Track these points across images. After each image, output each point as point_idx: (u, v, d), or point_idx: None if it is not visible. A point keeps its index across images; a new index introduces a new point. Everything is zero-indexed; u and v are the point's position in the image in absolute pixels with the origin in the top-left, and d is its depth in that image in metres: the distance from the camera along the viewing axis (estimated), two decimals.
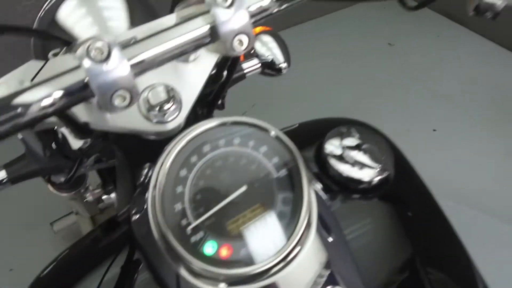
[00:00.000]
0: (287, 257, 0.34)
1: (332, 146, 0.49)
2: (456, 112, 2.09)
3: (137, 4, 0.54)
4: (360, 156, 0.47)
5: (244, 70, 0.69)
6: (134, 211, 0.40)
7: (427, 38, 2.57)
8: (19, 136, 0.60)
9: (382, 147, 0.49)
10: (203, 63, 0.46)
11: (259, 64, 0.70)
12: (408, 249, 0.51)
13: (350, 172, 0.46)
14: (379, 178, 0.47)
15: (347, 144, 0.48)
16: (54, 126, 0.48)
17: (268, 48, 0.71)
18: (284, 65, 0.71)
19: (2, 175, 0.59)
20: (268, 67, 0.71)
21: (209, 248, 0.34)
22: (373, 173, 0.47)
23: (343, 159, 0.47)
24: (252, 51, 0.71)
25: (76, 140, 0.53)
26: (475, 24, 2.53)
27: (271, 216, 0.36)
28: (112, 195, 0.89)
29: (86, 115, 0.39)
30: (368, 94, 2.18)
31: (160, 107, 0.44)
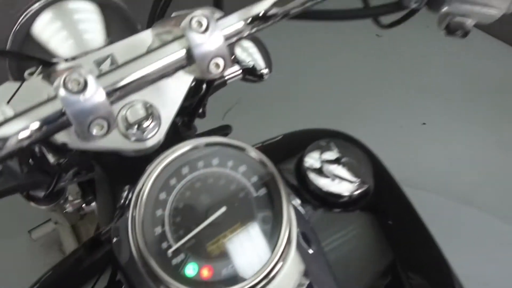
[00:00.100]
0: (268, 274, 0.36)
1: (312, 160, 0.51)
2: (446, 105, 2.11)
3: (114, 16, 0.55)
4: (339, 170, 0.50)
5: (225, 77, 0.70)
6: (115, 233, 0.41)
7: (416, 29, 2.60)
8: None
9: (362, 159, 0.51)
10: (182, 78, 0.46)
11: (240, 71, 0.71)
12: (390, 255, 0.54)
13: (329, 187, 0.49)
14: (358, 191, 0.49)
15: (327, 158, 0.50)
16: None
17: (249, 53, 0.72)
18: (265, 71, 0.72)
19: None
20: (249, 73, 0.72)
21: (190, 270, 0.35)
22: (352, 187, 0.49)
23: (322, 173, 0.49)
24: (232, 57, 0.73)
25: (54, 155, 0.54)
26: None
27: (251, 235, 0.37)
28: (93, 204, 0.90)
29: (64, 136, 0.40)
30: (355, 85, 2.19)
31: (138, 124, 0.45)
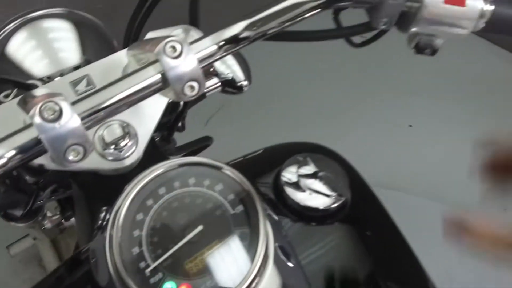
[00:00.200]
0: None
1: (289, 174, 0.53)
2: (432, 107, 2.13)
3: (89, 33, 0.56)
4: (316, 185, 0.52)
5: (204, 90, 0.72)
6: (93, 253, 0.43)
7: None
8: None
9: (339, 173, 0.54)
10: (159, 97, 0.49)
11: (219, 83, 0.73)
12: (368, 266, 0.57)
13: (306, 201, 0.51)
14: (335, 205, 0.52)
15: (304, 173, 0.52)
16: None
17: (228, 65, 0.73)
18: (245, 83, 0.74)
19: None
20: (228, 86, 0.73)
21: None
22: (329, 201, 0.52)
23: (299, 188, 0.52)
24: (211, 69, 0.74)
25: (32, 176, 0.55)
26: None
27: (229, 252, 0.39)
28: (72, 219, 0.91)
29: (41, 158, 0.42)
30: (340, 88, 2.20)
31: (115, 144, 0.47)
